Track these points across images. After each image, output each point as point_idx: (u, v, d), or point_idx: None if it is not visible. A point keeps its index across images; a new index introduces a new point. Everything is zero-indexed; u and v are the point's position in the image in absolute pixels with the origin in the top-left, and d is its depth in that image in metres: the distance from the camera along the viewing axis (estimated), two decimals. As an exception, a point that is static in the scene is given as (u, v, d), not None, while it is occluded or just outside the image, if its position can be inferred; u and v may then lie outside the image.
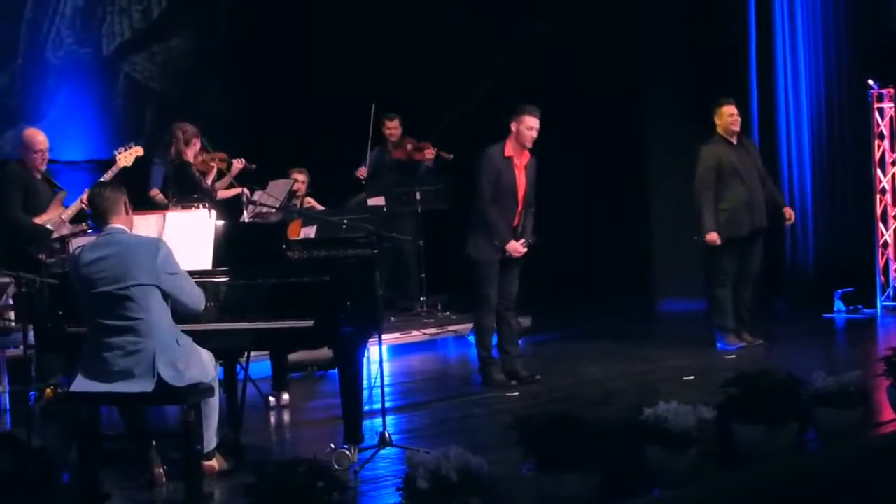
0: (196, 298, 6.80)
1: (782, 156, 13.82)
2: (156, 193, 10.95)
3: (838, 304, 13.09)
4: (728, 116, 11.04)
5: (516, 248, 9.82)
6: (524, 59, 15.31)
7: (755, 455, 6.64)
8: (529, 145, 9.86)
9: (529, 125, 9.79)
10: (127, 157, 9.81)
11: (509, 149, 9.87)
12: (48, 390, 9.24)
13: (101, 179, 9.33)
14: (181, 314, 6.76)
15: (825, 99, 13.78)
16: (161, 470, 6.99)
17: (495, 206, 9.80)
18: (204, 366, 6.74)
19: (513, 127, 9.83)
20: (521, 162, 9.90)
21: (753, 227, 11.06)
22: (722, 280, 11.14)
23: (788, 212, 11.34)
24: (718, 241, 10.93)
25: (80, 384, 6.53)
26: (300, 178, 11.84)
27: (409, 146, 13.44)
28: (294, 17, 15.22)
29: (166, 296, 6.61)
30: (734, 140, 11.09)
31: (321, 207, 12.00)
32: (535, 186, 10.02)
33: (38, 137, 9.79)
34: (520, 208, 9.89)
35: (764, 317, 12.75)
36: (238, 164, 10.94)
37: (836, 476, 6.73)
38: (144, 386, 6.45)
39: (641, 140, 14.49)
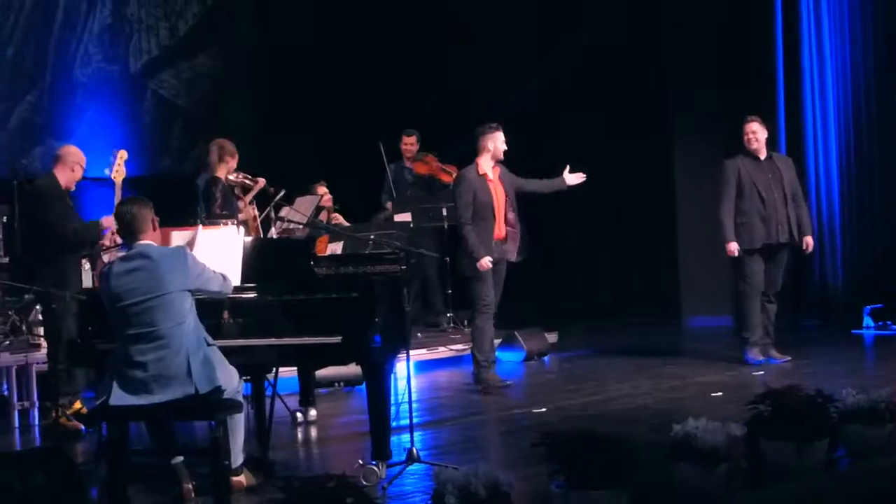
0: (221, 283, 6.92)
1: (809, 169, 13.76)
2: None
3: (867, 320, 13.03)
4: (747, 134, 11.14)
5: (484, 265, 10.26)
6: (550, 81, 15.34)
7: (784, 472, 6.62)
8: (503, 158, 10.54)
9: (503, 139, 10.50)
10: (119, 170, 9.69)
11: (482, 167, 10.49)
12: (76, 405, 9.26)
13: (126, 198, 9.35)
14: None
15: (853, 112, 13.71)
16: (190, 485, 7.00)
17: (475, 225, 10.35)
18: (229, 374, 6.78)
19: (489, 145, 10.47)
20: (494, 176, 10.48)
21: (769, 241, 11.07)
22: (747, 291, 11.16)
23: (808, 241, 11.30)
24: (736, 253, 10.99)
25: (119, 398, 6.54)
26: (324, 193, 11.84)
27: (433, 163, 13.44)
28: (319, 34, 15.29)
29: (193, 297, 6.71)
30: (760, 155, 11.13)
31: (347, 223, 12.03)
32: (514, 197, 10.56)
33: (80, 154, 9.62)
34: (498, 220, 10.44)
35: (793, 333, 12.71)
36: (262, 181, 10.93)
37: (866, 493, 6.69)
38: (186, 389, 6.51)
39: (670, 159, 14.48)
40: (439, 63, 15.17)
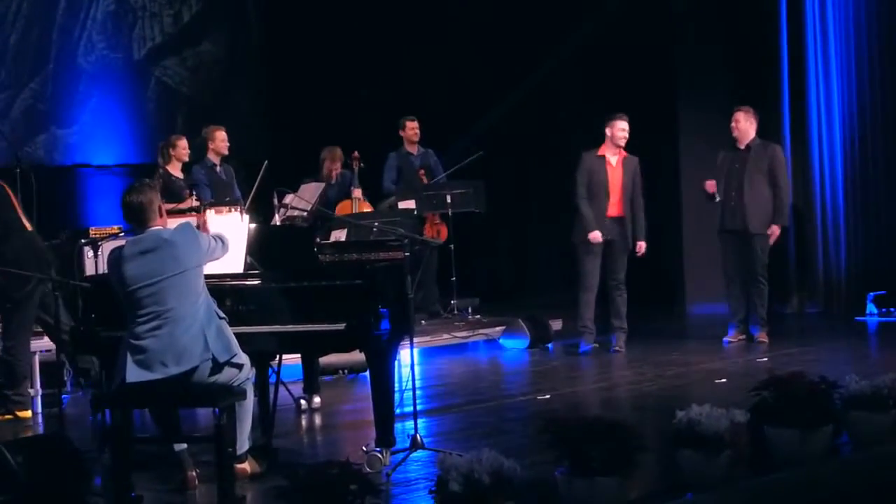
0: (223, 247, 6.97)
1: (813, 158, 13.78)
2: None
3: (871, 307, 13.04)
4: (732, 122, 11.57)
5: (595, 237, 11.23)
6: (560, 68, 15.33)
7: (788, 459, 6.61)
8: (622, 144, 11.34)
9: (621, 127, 11.30)
10: None
11: (603, 150, 11.39)
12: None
13: (132, 186, 9.36)
14: None
15: (857, 99, 13.70)
16: (193, 473, 6.99)
17: (589, 201, 11.27)
18: (242, 355, 6.78)
19: (608, 131, 11.35)
20: (616, 161, 11.37)
21: (722, 227, 11.62)
22: (724, 275, 11.77)
23: (773, 230, 11.55)
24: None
25: (135, 374, 6.51)
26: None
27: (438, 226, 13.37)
28: (324, 20, 15.26)
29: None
30: (739, 144, 11.52)
31: (370, 208, 12.07)
32: (633, 183, 11.42)
33: None
34: (612, 201, 11.30)
35: (796, 320, 12.70)
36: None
37: (870, 480, 6.70)
38: (203, 357, 6.53)
39: (675, 145, 14.49)
40: (443, 51, 15.13)
